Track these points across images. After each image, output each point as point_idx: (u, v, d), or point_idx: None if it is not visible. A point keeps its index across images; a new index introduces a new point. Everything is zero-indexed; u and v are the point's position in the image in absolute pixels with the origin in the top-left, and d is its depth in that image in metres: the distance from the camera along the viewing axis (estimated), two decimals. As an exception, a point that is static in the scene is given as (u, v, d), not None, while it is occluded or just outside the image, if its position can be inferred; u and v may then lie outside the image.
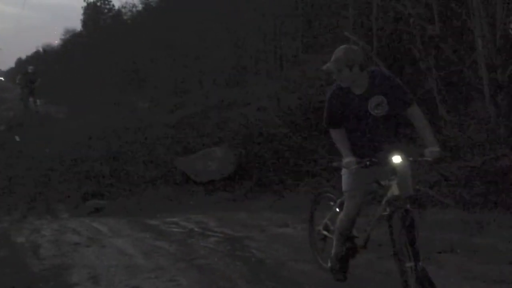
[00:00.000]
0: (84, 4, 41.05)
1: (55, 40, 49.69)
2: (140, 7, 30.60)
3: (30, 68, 22.80)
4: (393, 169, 3.63)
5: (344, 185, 3.99)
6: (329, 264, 4.25)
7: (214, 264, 5.11)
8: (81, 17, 42.44)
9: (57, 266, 5.30)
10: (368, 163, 3.69)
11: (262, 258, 5.23)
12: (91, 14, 40.27)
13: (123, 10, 35.11)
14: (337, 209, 4.24)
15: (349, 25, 11.41)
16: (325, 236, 4.46)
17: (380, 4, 10.50)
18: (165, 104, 16.36)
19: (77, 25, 44.97)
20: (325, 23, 12.94)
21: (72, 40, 43.44)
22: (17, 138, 19.53)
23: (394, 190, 3.59)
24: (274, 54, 15.40)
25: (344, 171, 3.94)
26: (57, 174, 12.85)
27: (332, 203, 4.40)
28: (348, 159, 3.76)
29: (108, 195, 10.52)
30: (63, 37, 49.09)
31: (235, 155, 10.63)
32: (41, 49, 61.03)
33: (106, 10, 39.78)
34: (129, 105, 17.35)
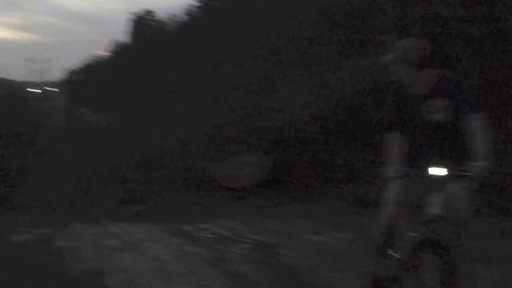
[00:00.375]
0: (132, 17, 42.38)
1: (103, 51, 50.95)
2: (184, 18, 31.23)
3: (76, 78, 23.67)
4: (438, 184, 3.27)
5: (385, 193, 3.70)
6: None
7: (245, 270, 5.20)
8: (127, 29, 43.76)
9: (96, 270, 5.50)
10: (408, 173, 3.38)
11: (293, 265, 5.28)
12: (137, 26, 41.46)
13: (167, 21, 35.97)
14: None
15: (387, 29, 11.32)
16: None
17: (420, 7, 10.38)
18: (202, 111, 16.62)
19: (124, 37, 46.25)
20: (362, 27, 12.88)
21: (119, 52, 44.72)
22: (62, 146, 20.26)
23: (433, 209, 3.23)
24: (309, 59, 15.38)
25: (388, 179, 3.60)
26: (98, 179, 13.29)
27: None
28: (390, 167, 3.46)
29: (145, 201, 10.79)
30: (111, 49, 50.61)
31: (268, 161, 10.71)
32: (90, 61, 63.11)
33: (151, 22, 40.86)
34: (168, 112, 17.69)
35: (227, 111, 14.47)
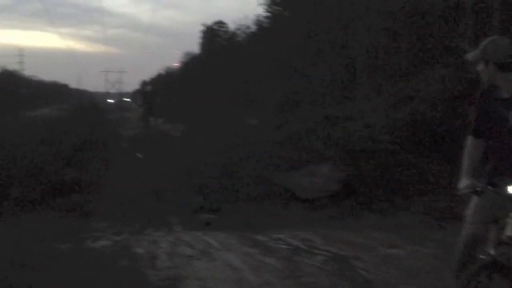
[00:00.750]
0: (202, 28, 43.45)
1: (175, 63, 52.53)
2: (253, 28, 31.64)
3: (148, 88, 24.43)
4: None
5: (467, 209, 3.39)
6: None
7: (321, 282, 5.11)
8: (199, 40, 44.90)
9: (172, 277, 5.59)
10: (483, 189, 3.05)
11: (370, 279, 5.14)
12: (208, 37, 42.42)
13: (237, 32, 36.58)
14: None
15: (466, 37, 10.91)
16: None
17: (500, 13, 9.93)
18: (273, 121, 16.67)
19: (195, 49, 47.47)
20: (439, 35, 12.50)
21: (190, 62, 45.95)
22: (139, 155, 20.93)
23: (508, 230, 2.92)
24: (384, 68, 15.12)
25: (461, 194, 3.30)
26: (172, 188, 13.57)
27: None
28: (463, 180, 3.18)
29: (217, 210, 10.88)
30: (182, 60, 52.11)
31: (341, 172, 10.53)
32: (163, 72, 65.21)
33: (221, 33, 41.67)
34: (240, 123, 17.90)
35: (300, 120, 14.44)
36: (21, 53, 70.59)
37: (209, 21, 43.18)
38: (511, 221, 2.93)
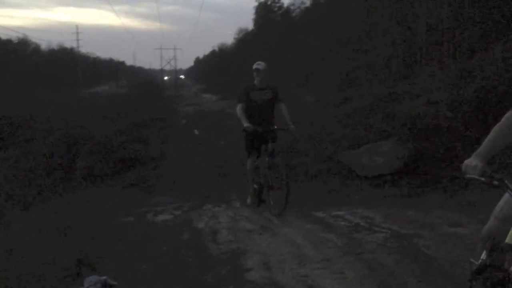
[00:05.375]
0: (256, 3, 43.20)
1: (229, 39, 52.86)
2: (308, 3, 31.22)
3: (202, 65, 24.64)
4: None
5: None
6: None
7: (382, 260, 5.06)
8: (252, 16, 44.72)
9: (233, 251, 5.71)
10: (498, 182, 2.52)
11: (433, 257, 5.04)
12: (262, 13, 42.17)
13: (292, 7, 36.18)
14: None
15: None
16: None
17: None
18: (333, 98, 16.48)
19: (249, 25, 47.37)
20: (503, 9, 11.90)
21: (244, 39, 45.95)
22: (196, 132, 21.30)
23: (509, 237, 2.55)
24: (448, 43, 14.57)
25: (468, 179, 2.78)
26: (229, 164, 13.76)
27: None
28: (473, 160, 2.67)
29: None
30: (236, 36, 52.18)
31: (404, 149, 10.30)
32: (216, 49, 65.59)
33: (276, 9, 41.33)
34: (298, 100, 17.77)
35: (361, 97, 14.20)
36: (77, 30, 72.23)
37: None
38: None
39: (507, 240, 2.53)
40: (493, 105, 9.54)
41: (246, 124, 7.20)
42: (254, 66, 7.41)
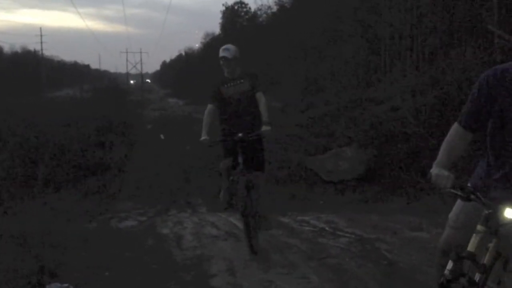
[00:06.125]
0: (223, 8, 43.26)
1: (196, 43, 52.77)
2: (275, 8, 31.42)
3: (167, 70, 24.54)
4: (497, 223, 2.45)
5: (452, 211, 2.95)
6: None
7: (345, 264, 5.14)
8: (219, 21, 44.76)
9: (198, 256, 5.68)
10: (470, 196, 2.49)
11: (394, 261, 5.15)
12: (229, 17, 42.24)
13: (258, 12, 36.36)
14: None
15: (493, 18, 10.68)
16: None
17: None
18: (297, 104, 16.62)
19: (216, 29, 47.43)
20: (466, 16, 12.24)
21: (211, 43, 45.90)
22: (162, 137, 21.13)
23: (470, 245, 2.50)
24: (410, 51, 14.89)
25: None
26: (195, 170, 13.71)
27: None
28: (435, 170, 2.60)
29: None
30: (203, 40, 52.11)
31: (367, 155, 10.46)
32: (183, 53, 65.30)
33: (242, 13, 41.47)
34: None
35: (326, 103, 14.35)
36: (41, 33, 70.50)
37: (230, 1, 42.89)
38: (477, 236, 2.50)
39: (469, 248, 2.50)
40: (454, 111, 9.79)
41: (202, 136, 5.57)
42: (220, 54, 5.63)
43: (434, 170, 2.62)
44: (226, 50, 5.61)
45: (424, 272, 4.72)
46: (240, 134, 5.52)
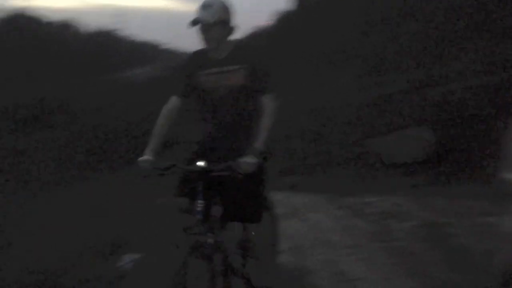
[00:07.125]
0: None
1: (267, 21, 52.57)
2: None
3: None
4: None
5: None
6: None
7: (411, 247, 5.05)
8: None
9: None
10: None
11: (464, 247, 4.99)
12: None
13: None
14: None
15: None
16: None
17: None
18: (362, 82, 16.15)
19: (289, 5, 46.67)
20: None
21: (283, 20, 45.30)
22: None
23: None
24: (487, 25, 14.02)
25: None
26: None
27: None
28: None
29: (304, 173, 10.88)
30: (274, 18, 51.44)
31: (435, 136, 10.07)
32: (254, 31, 64.65)
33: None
34: (332, 84, 17.41)
35: (392, 81, 13.89)
36: (117, 12, 72.60)
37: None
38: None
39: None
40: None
41: (144, 154, 3.13)
42: (197, 15, 3.21)
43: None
44: (206, 8, 3.17)
45: (498, 259, 4.56)
46: (201, 163, 3.06)
